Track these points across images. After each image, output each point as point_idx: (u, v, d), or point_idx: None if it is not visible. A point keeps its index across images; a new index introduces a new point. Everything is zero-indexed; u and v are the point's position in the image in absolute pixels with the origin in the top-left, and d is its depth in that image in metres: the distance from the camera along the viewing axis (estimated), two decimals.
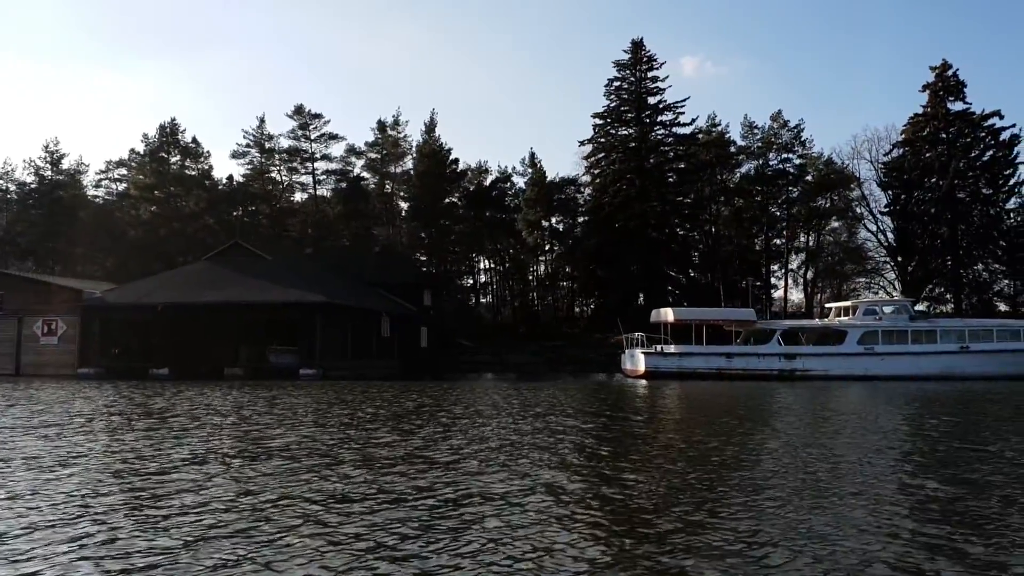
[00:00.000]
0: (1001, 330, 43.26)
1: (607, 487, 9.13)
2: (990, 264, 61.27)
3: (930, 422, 17.89)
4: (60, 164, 77.91)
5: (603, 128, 64.05)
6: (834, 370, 40.89)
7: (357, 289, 52.32)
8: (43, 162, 77.31)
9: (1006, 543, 6.73)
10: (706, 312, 45.40)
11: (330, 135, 76.35)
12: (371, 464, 10.71)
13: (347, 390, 28.29)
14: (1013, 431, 15.97)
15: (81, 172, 79.86)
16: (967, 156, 60.87)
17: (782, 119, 67.97)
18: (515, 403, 22.53)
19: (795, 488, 8.98)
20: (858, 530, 7.03)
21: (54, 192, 74.46)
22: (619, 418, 18.89)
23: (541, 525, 7.16)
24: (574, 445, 13.05)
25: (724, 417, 19.60)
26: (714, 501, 8.29)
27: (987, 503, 8.31)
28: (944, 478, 9.87)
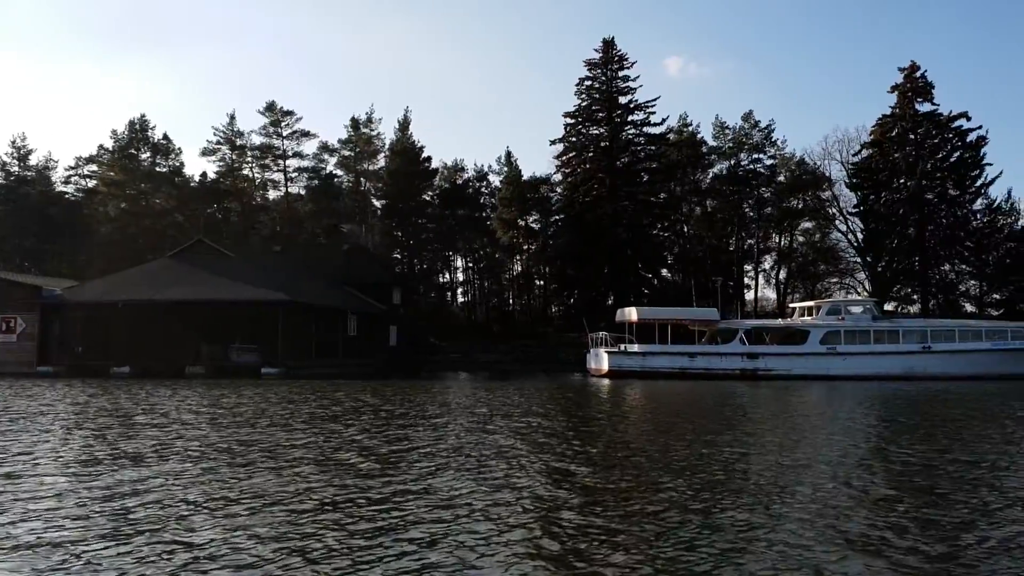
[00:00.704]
0: (963, 330, 43.53)
1: (525, 486, 9.04)
2: (957, 265, 61.68)
3: (875, 421, 17.92)
4: (27, 160, 77.13)
5: (574, 127, 63.99)
6: (796, 370, 41.00)
7: (324, 287, 52.06)
8: (10, 158, 76.55)
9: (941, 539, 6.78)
10: (669, 312, 45.41)
11: (302, 132, 76.07)
12: (275, 465, 10.53)
13: (300, 389, 28.02)
14: (949, 433, 15.97)
15: (50, 168, 79.21)
16: (935, 157, 61.22)
17: (753, 119, 68.21)
18: (461, 403, 22.40)
19: (733, 489, 8.90)
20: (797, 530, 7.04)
21: (21, 188, 73.66)
22: (561, 416, 18.77)
23: (451, 524, 7.04)
24: (495, 446, 12.92)
25: (671, 417, 19.57)
26: (638, 497, 8.19)
27: (920, 501, 8.42)
28: (887, 479, 9.89)
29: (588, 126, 64.06)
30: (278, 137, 76.10)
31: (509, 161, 78.51)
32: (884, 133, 61.73)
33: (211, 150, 76.07)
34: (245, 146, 76.74)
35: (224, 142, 76.04)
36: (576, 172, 65.15)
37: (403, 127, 76.28)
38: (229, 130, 76.06)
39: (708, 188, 71.49)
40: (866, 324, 42.48)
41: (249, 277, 44.28)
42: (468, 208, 76.61)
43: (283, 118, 75.13)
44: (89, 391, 26.23)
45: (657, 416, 20.15)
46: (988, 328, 44.23)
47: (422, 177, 73.79)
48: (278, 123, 75.29)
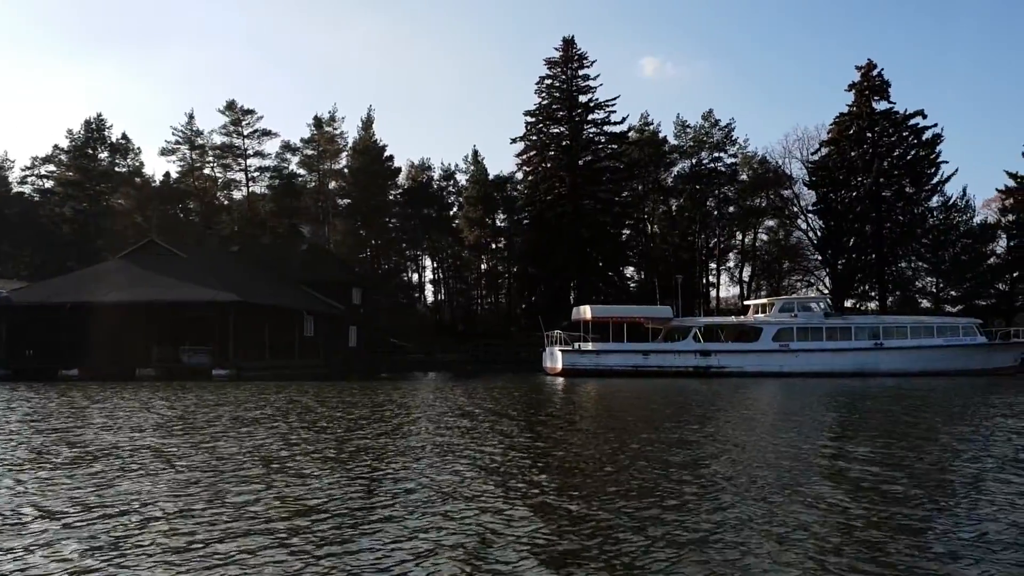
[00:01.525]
0: (915, 327, 43.91)
1: (432, 484, 8.88)
2: (913, 261, 62.22)
3: (814, 418, 17.92)
4: None
5: (535, 126, 63.89)
6: (749, 367, 41.18)
7: (281, 288, 51.58)
8: None
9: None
10: (623, 310, 45.49)
11: (263, 131, 75.43)
12: (164, 471, 10.29)
13: (240, 391, 27.64)
14: (888, 429, 15.99)
15: (6, 169, 78.01)
16: (891, 155, 61.73)
17: (713, 118, 68.51)
18: (395, 404, 22.19)
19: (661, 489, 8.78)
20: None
21: None
22: (486, 416, 18.62)
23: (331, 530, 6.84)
24: (400, 448, 12.74)
25: (605, 416, 19.47)
26: (538, 493, 8.03)
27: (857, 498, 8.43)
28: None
29: (549, 125, 64.04)
30: (239, 136, 75.45)
31: (476, 160, 78.50)
32: (841, 131, 62.18)
33: (170, 150, 75.33)
34: (205, 146, 76.04)
35: (183, 141, 75.29)
36: (537, 171, 65.09)
37: (366, 126, 75.96)
38: (188, 129, 75.35)
39: (670, 187, 71.77)
40: (818, 321, 42.75)
41: (201, 278, 43.73)
42: (433, 207, 76.34)
43: (243, 117, 74.53)
44: (21, 395, 25.73)
45: (593, 415, 20.04)
46: (940, 324, 44.63)
47: (385, 176, 73.42)
48: (238, 122, 74.63)
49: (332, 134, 76.73)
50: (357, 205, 71.76)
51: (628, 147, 67.40)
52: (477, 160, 78.41)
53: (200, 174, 77.77)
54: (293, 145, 77.59)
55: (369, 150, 71.98)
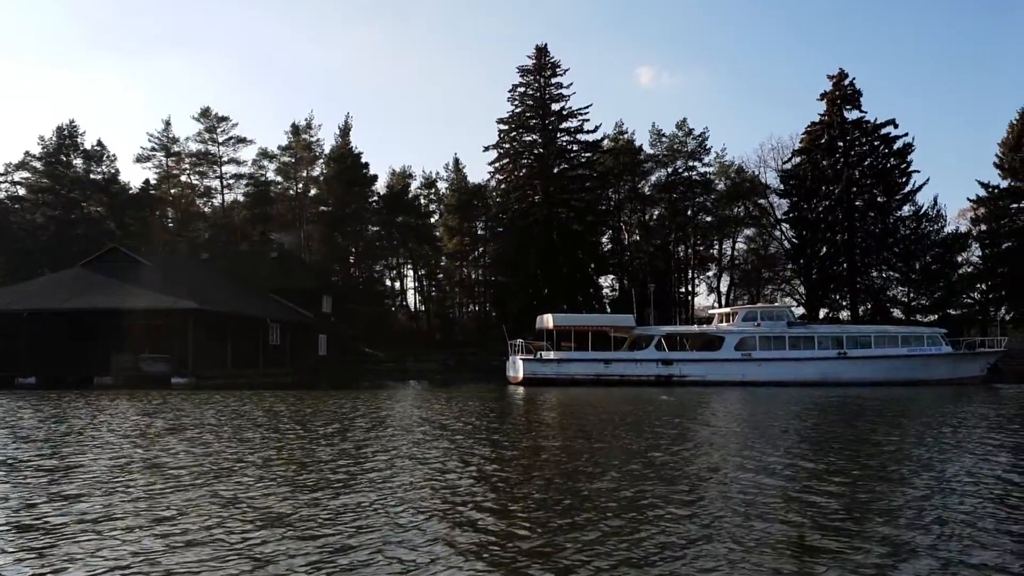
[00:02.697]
0: (879, 336, 43.79)
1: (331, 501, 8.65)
2: (884, 270, 62.14)
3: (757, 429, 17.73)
4: None
5: (508, 134, 63.71)
6: (711, 376, 40.95)
7: (246, 295, 51.24)
8: None
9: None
10: (586, 318, 45.29)
11: (238, 138, 75.10)
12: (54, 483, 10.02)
13: (190, 401, 27.31)
14: (834, 438, 15.81)
15: None
16: (862, 164, 61.73)
17: (687, 127, 68.49)
18: (340, 414, 21.93)
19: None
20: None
21: None
22: (432, 428, 18.38)
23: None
24: (317, 459, 12.49)
25: (549, 427, 19.24)
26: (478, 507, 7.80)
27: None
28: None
29: (522, 133, 63.86)
30: (214, 143, 75.14)
31: (457, 168, 78.46)
32: (812, 140, 62.17)
33: (145, 156, 74.95)
34: (181, 153, 75.70)
35: (159, 148, 74.93)
36: (510, 179, 64.97)
37: (344, 133, 75.71)
38: (164, 136, 75.01)
39: (647, 196, 71.66)
40: (781, 330, 42.59)
41: (163, 285, 43.37)
42: (410, 215, 76.12)
43: (218, 124, 74.18)
44: None
45: (539, 425, 19.80)
46: (904, 334, 44.51)
47: (361, 183, 73.12)
48: (213, 129, 74.31)
49: (309, 141, 76.46)
50: (333, 213, 71.43)
51: (603, 155, 67.29)
52: (458, 168, 78.46)
53: (176, 181, 77.43)
54: (270, 152, 77.38)
55: (344, 157, 71.69)
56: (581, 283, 65.29)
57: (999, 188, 61.16)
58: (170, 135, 74.89)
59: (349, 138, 75.13)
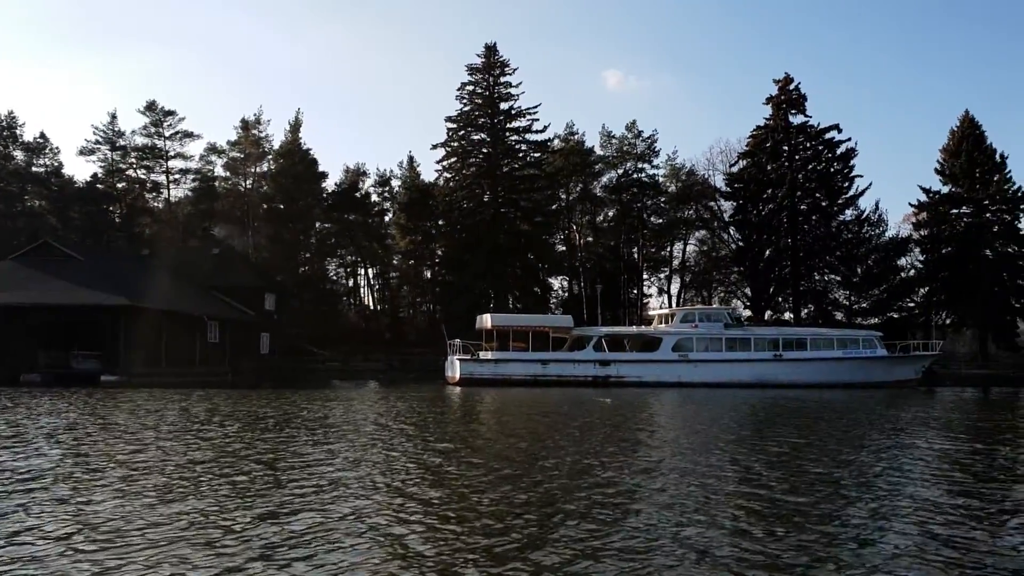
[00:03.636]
0: (814, 338, 44.24)
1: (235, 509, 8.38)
2: (826, 274, 62.82)
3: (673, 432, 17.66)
4: None
5: (456, 132, 63.35)
6: (648, 377, 41.07)
7: (185, 292, 50.44)
8: None
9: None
10: (524, 318, 45.24)
11: (186, 133, 73.89)
12: None
13: (112, 400, 26.70)
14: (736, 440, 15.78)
15: None
16: (806, 168, 62.34)
17: (636, 129, 68.67)
18: (252, 414, 21.55)
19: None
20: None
21: None
22: (351, 429, 18.09)
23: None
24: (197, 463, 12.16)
25: (468, 428, 19.03)
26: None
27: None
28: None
29: (470, 131, 63.53)
30: (160, 138, 73.85)
31: (411, 166, 77.92)
32: (758, 144, 62.66)
33: (89, 150, 73.39)
34: (127, 147, 74.26)
35: (104, 142, 73.45)
36: (457, 178, 64.70)
37: (294, 129, 74.79)
38: (110, 130, 73.54)
39: (596, 197, 71.75)
40: (718, 332, 42.85)
41: (95, 281, 42.50)
42: (360, 213, 75.45)
43: (164, 118, 72.95)
44: None
45: (455, 427, 19.58)
46: (840, 336, 45.02)
47: (310, 180, 72.30)
48: (160, 123, 73.05)
49: (258, 137, 75.46)
50: (280, 210, 70.57)
51: (553, 156, 67.24)
52: (412, 166, 77.93)
53: (122, 176, 75.98)
54: (219, 148, 76.28)
55: (293, 153, 70.87)
56: (530, 283, 65.22)
57: (940, 194, 62.15)
58: (115, 128, 73.53)
59: (299, 134, 74.33)
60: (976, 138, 61.61)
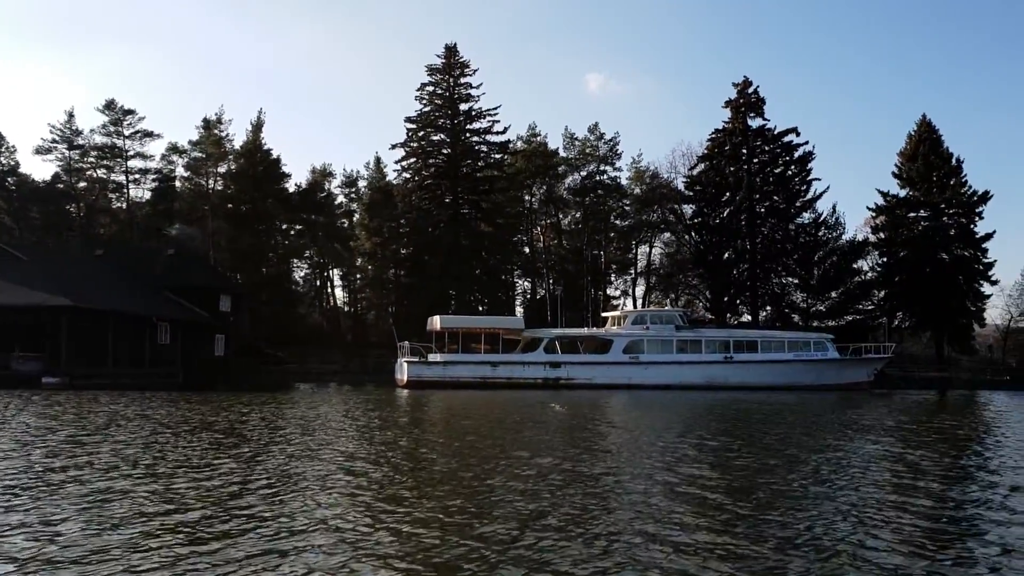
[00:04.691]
0: (765, 341, 44.34)
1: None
2: (783, 276, 63.01)
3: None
4: None
5: (416, 133, 62.93)
6: (599, 379, 40.96)
7: (136, 293, 49.70)
8: None
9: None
10: (474, 320, 44.98)
11: (145, 132, 72.90)
12: None
13: (42, 403, 26.16)
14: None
15: None
16: (764, 171, 62.54)
17: (599, 131, 68.55)
18: (186, 419, 21.15)
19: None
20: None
21: None
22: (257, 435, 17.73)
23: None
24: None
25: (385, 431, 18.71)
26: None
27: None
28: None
29: (429, 132, 63.13)
30: (119, 137, 72.86)
31: (378, 166, 77.39)
32: (716, 147, 62.78)
33: (46, 148, 72.26)
34: (85, 145, 73.23)
35: (61, 140, 72.37)
36: (417, 178, 64.34)
37: (256, 129, 74.09)
38: (67, 128, 72.46)
39: (560, 199, 71.59)
40: (669, 334, 42.82)
41: (38, 281, 41.70)
42: (322, 213, 74.90)
43: (124, 117, 71.96)
44: None
45: (389, 431, 19.26)
46: (791, 339, 45.15)
47: (271, 181, 71.64)
48: (119, 122, 72.06)
49: (219, 137, 74.69)
50: (240, 210, 69.85)
51: (514, 157, 67.01)
52: (380, 167, 77.38)
53: (82, 175, 74.93)
54: (180, 147, 75.43)
55: (253, 153, 70.19)
56: (492, 285, 64.96)
57: (898, 197, 62.53)
58: (73, 127, 72.47)
59: (261, 134, 73.65)
60: (933, 142, 62.07)
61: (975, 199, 61.21)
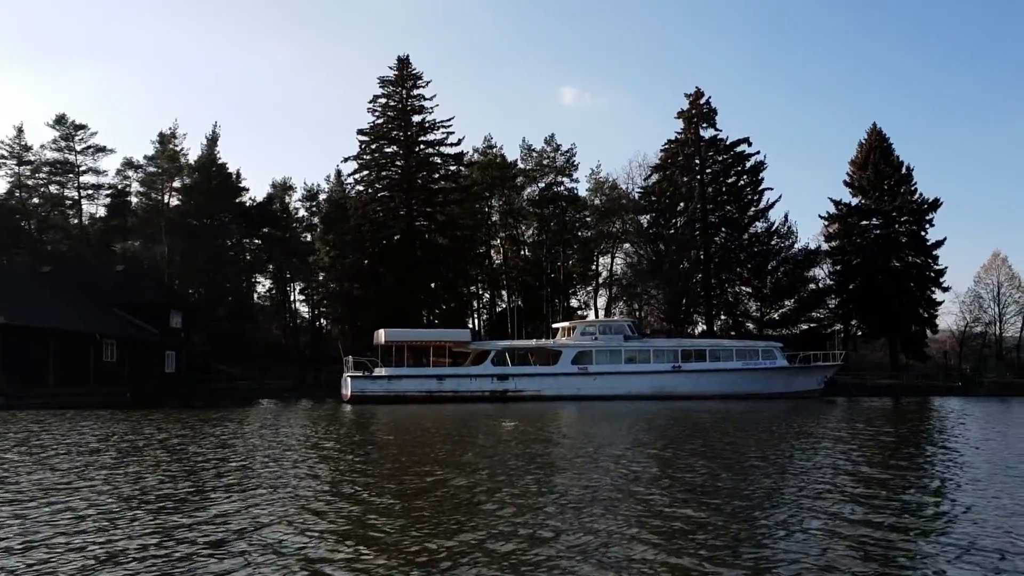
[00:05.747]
0: (713, 350, 44.34)
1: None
2: (737, 286, 63.26)
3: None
4: None
5: (369, 145, 62.55)
6: (547, 390, 40.74)
7: (81, 310, 48.90)
8: None
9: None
10: (419, 333, 44.52)
11: (98, 147, 72.11)
12: None
13: None
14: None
15: None
16: (716, 182, 62.84)
17: (555, 143, 68.56)
18: (102, 438, 20.62)
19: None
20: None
21: None
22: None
23: None
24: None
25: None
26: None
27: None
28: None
29: (383, 144, 62.80)
30: (71, 152, 71.98)
31: (339, 179, 76.87)
32: (669, 158, 63.01)
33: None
34: (36, 161, 72.25)
35: (10, 156, 71.33)
36: (369, 190, 63.99)
37: (211, 143, 73.53)
38: (16, 144, 71.47)
39: (518, 210, 71.42)
40: (617, 344, 42.70)
41: None
42: (277, 228, 74.36)
43: (76, 132, 71.14)
44: None
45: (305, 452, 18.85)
46: (739, 348, 45.18)
47: (226, 195, 71.00)
48: (70, 137, 71.21)
49: (174, 151, 73.99)
50: (194, 225, 69.08)
51: (469, 169, 66.84)
52: (340, 180, 76.83)
53: (36, 191, 73.90)
54: (135, 162, 74.70)
55: (207, 167, 69.56)
56: (449, 298, 64.59)
57: (849, 205, 63.07)
58: (23, 143, 71.48)
59: (216, 148, 73.10)
60: (884, 150, 62.72)
61: (925, 206, 61.89)
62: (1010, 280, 64.86)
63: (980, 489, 11.39)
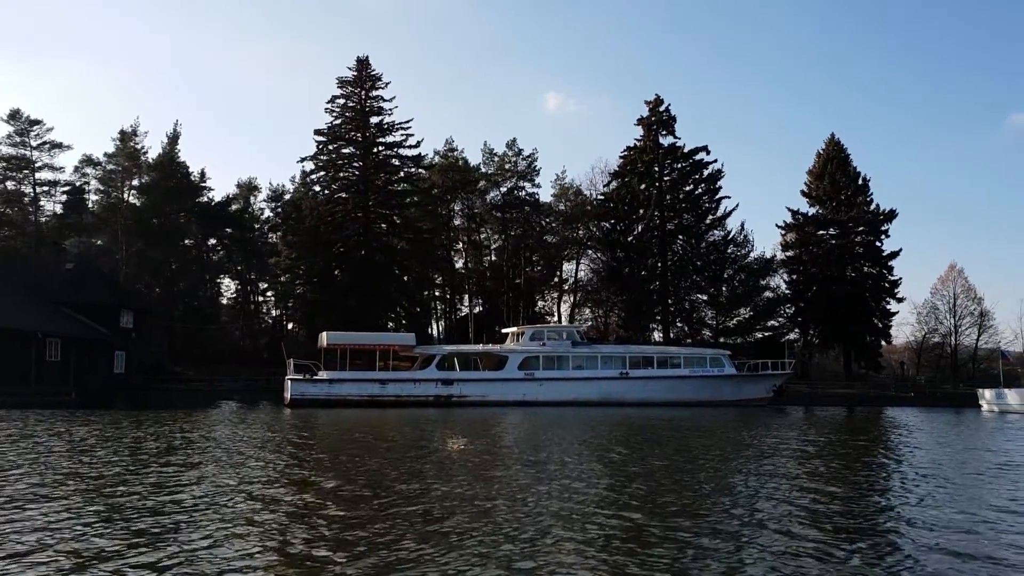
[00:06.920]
0: (661, 357, 44.31)
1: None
2: (694, 293, 63.32)
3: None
4: None
5: (326, 146, 62.00)
6: (493, 396, 40.50)
7: (23, 307, 48.08)
8: None
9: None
10: (363, 336, 44.06)
11: (54, 143, 70.98)
12: None
13: None
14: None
15: None
16: (674, 189, 62.90)
17: (517, 147, 68.31)
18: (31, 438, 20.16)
19: None
20: None
21: None
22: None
23: None
24: None
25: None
26: None
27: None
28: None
29: (340, 145, 62.29)
30: (26, 147, 70.82)
31: (304, 181, 76.19)
32: (628, 164, 63.01)
33: None
34: None
35: None
36: (326, 192, 63.50)
37: (172, 141, 72.72)
38: None
39: (479, 214, 71.13)
40: (564, 350, 42.55)
41: None
42: (238, 228, 73.66)
43: (31, 127, 69.98)
44: None
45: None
46: (687, 355, 45.19)
47: (184, 194, 70.22)
48: (25, 132, 70.04)
49: (134, 149, 73.10)
50: (151, 224, 68.22)
51: (429, 171, 66.50)
52: (305, 181, 76.12)
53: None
54: (95, 159, 73.70)
55: (165, 166, 68.79)
56: (407, 302, 64.13)
57: (806, 215, 63.37)
58: None
59: (176, 147, 72.34)
60: (841, 161, 63.15)
61: (881, 217, 62.30)
62: (966, 292, 65.54)
63: (908, 502, 11.64)
